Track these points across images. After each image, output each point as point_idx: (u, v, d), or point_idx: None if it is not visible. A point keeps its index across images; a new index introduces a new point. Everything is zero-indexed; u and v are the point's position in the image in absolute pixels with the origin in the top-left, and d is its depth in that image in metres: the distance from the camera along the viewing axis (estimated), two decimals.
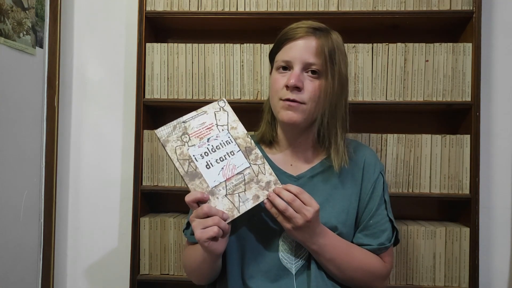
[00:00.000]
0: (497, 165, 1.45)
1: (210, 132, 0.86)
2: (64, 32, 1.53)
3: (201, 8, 1.37)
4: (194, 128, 0.86)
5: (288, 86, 0.89)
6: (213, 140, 0.86)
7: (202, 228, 0.78)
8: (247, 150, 0.87)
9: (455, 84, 1.32)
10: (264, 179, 0.85)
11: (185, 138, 0.85)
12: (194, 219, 0.80)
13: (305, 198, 0.83)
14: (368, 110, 1.40)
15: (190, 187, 0.82)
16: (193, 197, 0.80)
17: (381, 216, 0.95)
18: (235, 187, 0.84)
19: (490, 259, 1.45)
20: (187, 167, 0.83)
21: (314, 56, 0.90)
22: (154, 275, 1.38)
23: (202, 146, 0.85)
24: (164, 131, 0.84)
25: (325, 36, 0.92)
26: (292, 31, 0.93)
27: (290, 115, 0.91)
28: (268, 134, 1.01)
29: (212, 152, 0.85)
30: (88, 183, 1.56)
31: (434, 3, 1.32)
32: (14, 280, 1.33)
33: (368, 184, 0.96)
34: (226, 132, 0.87)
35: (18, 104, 1.34)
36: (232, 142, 0.87)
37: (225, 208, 0.82)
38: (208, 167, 0.84)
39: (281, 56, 0.94)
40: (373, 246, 0.93)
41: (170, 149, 0.83)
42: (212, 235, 0.77)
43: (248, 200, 0.84)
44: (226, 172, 0.84)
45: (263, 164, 0.87)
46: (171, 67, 1.38)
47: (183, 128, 0.85)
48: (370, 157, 0.99)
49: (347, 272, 0.90)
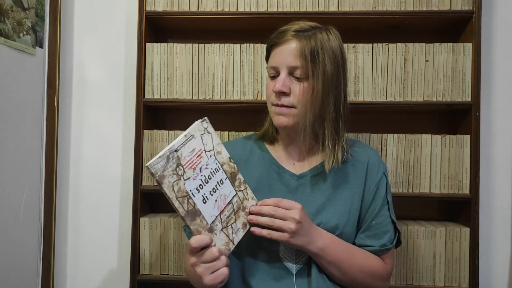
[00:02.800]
0: (497, 165, 1.45)
1: (201, 161, 0.81)
2: (64, 32, 1.53)
3: (201, 8, 1.37)
4: (186, 157, 0.79)
5: (274, 91, 0.91)
6: (204, 169, 0.81)
7: (211, 273, 0.76)
8: (232, 177, 0.86)
9: (455, 84, 1.32)
10: (248, 204, 0.86)
11: (180, 171, 0.78)
12: (199, 264, 0.77)
13: (285, 204, 0.85)
14: (368, 110, 1.40)
15: (192, 228, 0.77)
16: (204, 243, 0.76)
17: (384, 217, 0.95)
18: (228, 219, 0.83)
19: (490, 259, 1.45)
20: (187, 206, 0.77)
21: (296, 59, 0.90)
22: (154, 275, 1.38)
23: (196, 178, 0.80)
24: (158, 165, 0.75)
25: (306, 37, 0.90)
26: (276, 37, 0.94)
27: (281, 119, 0.92)
28: (270, 132, 1.03)
29: (205, 183, 0.81)
30: (88, 183, 1.55)
31: (434, 3, 1.32)
32: (14, 280, 1.33)
33: (372, 185, 0.96)
34: (213, 158, 0.84)
35: (18, 104, 1.34)
36: (220, 170, 0.84)
37: (222, 243, 0.81)
38: (205, 202, 0.80)
39: (270, 62, 0.96)
40: (375, 248, 0.93)
41: (167, 187, 0.76)
42: (224, 278, 0.77)
43: (239, 230, 0.84)
44: (219, 204, 0.82)
45: (246, 190, 0.87)
46: (171, 67, 1.38)
47: (176, 158, 0.78)
48: (373, 157, 0.99)
49: (349, 274, 0.90)
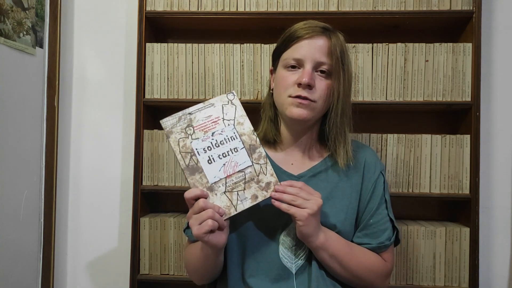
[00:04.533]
0: (497, 165, 1.45)
1: (216, 126, 0.84)
2: (64, 32, 1.53)
3: (201, 8, 1.37)
4: (200, 120, 0.84)
5: (301, 83, 0.89)
6: (217, 135, 0.84)
7: (198, 224, 0.78)
8: (251, 148, 0.85)
9: (455, 84, 1.32)
10: (265, 179, 0.85)
11: (189, 131, 0.83)
12: (191, 215, 0.80)
13: (309, 189, 0.86)
14: (368, 110, 1.40)
15: (189, 181, 0.82)
16: (192, 194, 0.80)
17: (382, 215, 0.95)
18: (235, 185, 0.83)
19: (490, 259, 1.45)
20: (189, 161, 0.82)
21: (326, 56, 0.91)
22: (154, 275, 1.38)
23: (206, 140, 0.83)
24: (168, 122, 0.83)
25: (335, 37, 0.93)
26: (302, 30, 0.93)
27: (300, 111, 0.91)
28: (270, 133, 1.00)
29: (215, 147, 0.83)
30: (88, 183, 1.56)
31: (434, 3, 1.32)
32: (14, 280, 1.33)
33: (369, 184, 0.96)
34: (232, 127, 0.85)
35: (18, 104, 1.34)
36: (237, 139, 0.85)
37: (222, 205, 0.82)
38: (210, 162, 0.83)
39: (291, 54, 0.94)
40: (373, 245, 0.94)
41: (173, 141, 0.82)
42: (208, 228, 0.77)
43: (247, 199, 0.83)
44: (228, 168, 0.83)
45: (265, 164, 0.86)
46: (171, 67, 1.38)
47: (188, 120, 0.83)
48: (370, 157, 1.00)
49: (349, 268, 0.90)
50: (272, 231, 0.92)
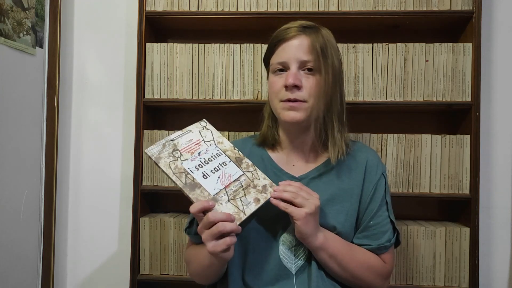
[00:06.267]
0: (497, 165, 1.45)
1: (200, 147, 0.88)
2: (64, 32, 1.53)
3: (201, 8, 1.37)
4: (183, 144, 0.88)
5: (287, 85, 0.90)
6: (204, 154, 0.88)
7: (213, 240, 0.77)
8: (237, 160, 0.90)
9: (455, 84, 1.32)
10: (260, 183, 0.88)
11: (176, 154, 0.86)
12: (203, 230, 0.79)
13: (308, 190, 0.87)
14: (368, 110, 1.40)
15: (192, 198, 0.81)
16: (199, 206, 0.79)
17: (382, 217, 0.95)
18: (235, 193, 0.84)
19: (490, 259, 1.45)
20: (185, 179, 0.83)
21: (307, 53, 0.91)
22: (154, 275, 1.38)
23: (195, 160, 0.86)
24: (154, 150, 0.85)
25: (315, 33, 0.93)
26: (283, 33, 0.95)
27: (293, 114, 0.91)
28: (270, 137, 1.02)
29: (205, 164, 0.86)
30: (88, 183, 1.55)
31: (434, 3, 1.32)
32: (14, 280, 1.33)
33: (370, 185, 0.96)
34: (214, 146, 0.90)
35: (18, 104, 1.34)
36: (222, 155, 0.89)
37: (231, 212, 0.81)
38: (205, 177, 0.84)
39: (276, 58, 0.95)
40: (372, 246, 0.94)
41: (164, 165, 0.84)
42: (226, 248, 0.77)
43: (251, 203, 0.84)
44: (223, 180, 0.85)
45: (255, 171, 0.89)
46: (171, 67, 1.38)
47: (172, 145, 0.87)
48: (372, 158, 0.99)
49: (349, 269, 0.90)
50: (273, 232, 0.92)
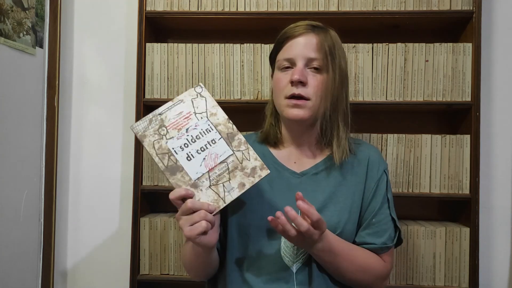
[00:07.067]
0: (497, 165, 1.45)
1: (189, 122, 0.83)
2: (64, 32, 1.53)
3: (201, 8, 1.37)
4: (171, 119, 0.83)
5: (293, 81, 0.90)
6: (192, 130, 0.83)
7: (189, 225, 0.77)
8: (229, 137, 0.84)
9: (455, 84, 1.32)
10: (249, 165, 0.83)
11: (162, 131, 0.82)
12: (181, 217, 0.79)
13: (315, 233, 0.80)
14: (368, 110, 1.40)
15: (171, 182, 0.81)
16: (177, 194, 0.79)
17: (384, 215, 0.95)
18: (219, 177, 0.82)
19: (490, 259, 1.45)
20: (167, 161, 0.81)
21: (315, 52, 0.92)
22: (154, 275, 1.38)
23: (181, 138, 0.82)
24: (140, 126, 0.82)
25: (323, 33, 0.94)
26: (291, 30, 0.95)
27: (296, 112, 0.91)
28: (272, 135, 1.01)
29: (192, 142, 0.82)
30: (88, 183, 1.55)
31: (434, 3, 1.32)
32: (14, 280, 1.33)
33: (372, 182, 0.96)
34: (205, 119, 0.84)
35: (18, 104, 1.34)
36: (213, 130, 0.84)
37: (209, 200, 0.80)
38: (189, 159, 0.81)
39: (283, 55, 0.95)
40: (376, 245, 0.93)
41: (148, 144, 0.81)
42: (201, 230, 0.76)
43: (234, 189, 0.81)
44: (209, 162, 0.82)
45: (247, 150, 0.84)
46: (171, 67, 1.38)
47: (159, 120, 0.83)
48: (374, 155, 1.00)
49: (347, 274, 0.90)
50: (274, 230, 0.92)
